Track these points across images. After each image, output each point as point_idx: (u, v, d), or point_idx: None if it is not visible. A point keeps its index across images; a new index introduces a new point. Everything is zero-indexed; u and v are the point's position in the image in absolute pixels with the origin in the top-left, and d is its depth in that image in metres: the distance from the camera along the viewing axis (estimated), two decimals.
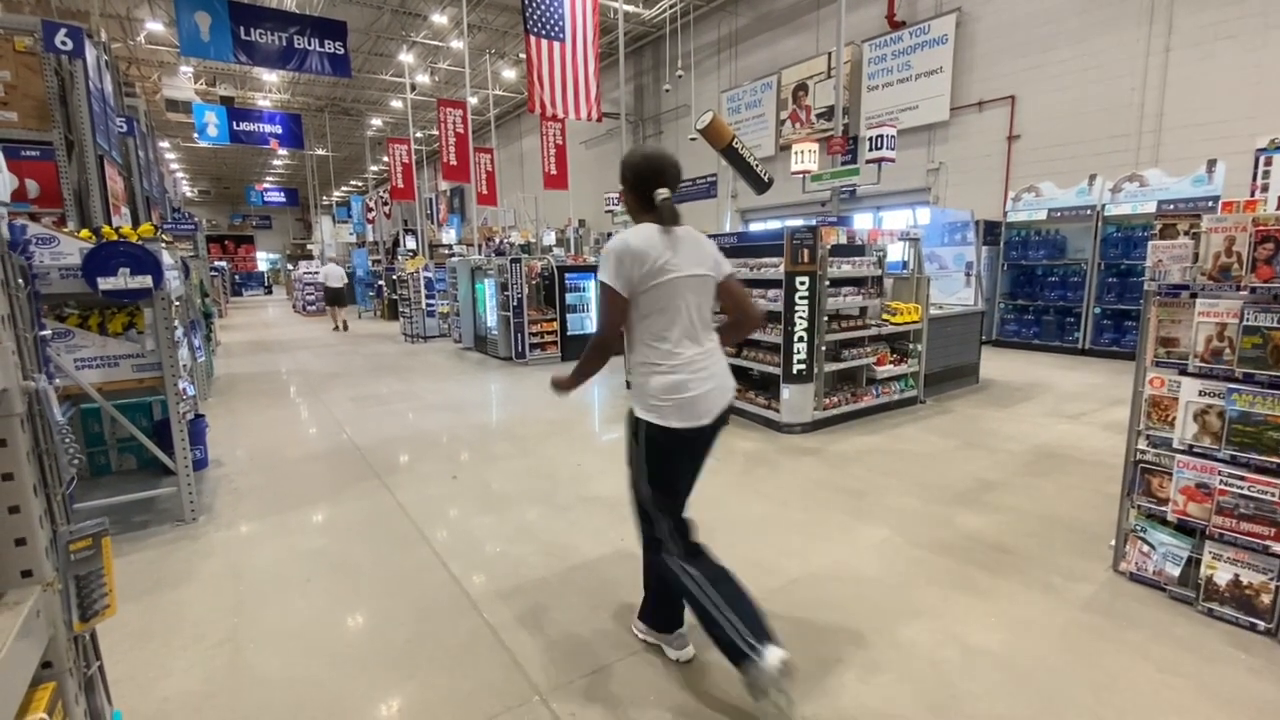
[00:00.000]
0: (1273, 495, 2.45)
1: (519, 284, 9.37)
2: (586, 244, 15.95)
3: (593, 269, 10.24)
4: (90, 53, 4.90)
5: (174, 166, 27.83)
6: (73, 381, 3.44)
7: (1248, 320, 2.49)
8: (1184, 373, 2.72)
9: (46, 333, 1.38)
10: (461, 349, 11.61)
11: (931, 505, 3.89)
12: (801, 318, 5.27)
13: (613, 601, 2.87)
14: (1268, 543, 2.48)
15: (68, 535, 1.14)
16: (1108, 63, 9.56)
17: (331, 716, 2.20)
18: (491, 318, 10.50)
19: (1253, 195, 4.25)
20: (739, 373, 6.45)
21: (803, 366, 5.36)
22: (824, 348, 5.50)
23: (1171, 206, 8.12)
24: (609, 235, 15.95)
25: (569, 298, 9.91)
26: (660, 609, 2.49)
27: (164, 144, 21.37)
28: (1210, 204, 7.71)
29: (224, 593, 3.04)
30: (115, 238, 3.45)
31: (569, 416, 6.37)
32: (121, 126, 6.66)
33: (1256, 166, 4.39)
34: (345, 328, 15.29)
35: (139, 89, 14.24)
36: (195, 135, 16.83)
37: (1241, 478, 2.53)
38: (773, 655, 1.95)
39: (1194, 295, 2.67)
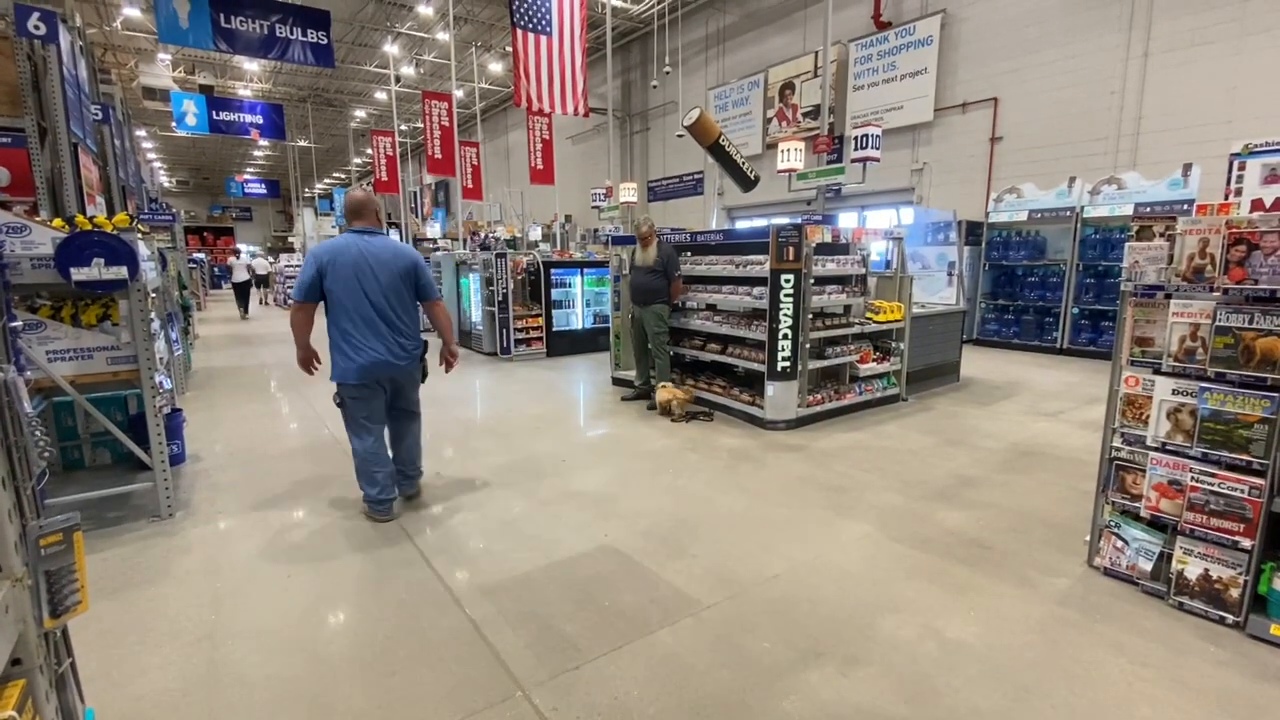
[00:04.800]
0: (1242, 492, 2.51)
1: (504, 279, 9.32)
2: (573, 239, 15.87)
3: (579, 265, 10.22)
4: (64, 38, 4.78)
5: (151, 156, 27.28)
6: (44, 374, 3.36)
7: (1220, 321, 2.55)
8: (1158, 372, 2.78)
9: (17, 323, 1.34)
10: None
11: (912, 501, 3.94)
12: (786, 315, 5.30)
13: (596, 596, 2.87)
14: (1237, 538, 2.54)
15: (38, 530, 1.12)
16: (1088, 67, 9.71)
17: (311, 714, 2.18)
18: (476, 313, 10.43)
19: (1227, 198, 4.35)
20: (724, 369, 6.53)
21: (787, 364, 5.39)
22: (808, 345, 5.54)
23: (1148, 209, 8.27)
24: (595, 231, 15.93)
25: (555, 293, 9.86)
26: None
27: (141, 133, 20.94)
28: (1185, 207, 7.87)
29: (201, 589, 3.00)
30: (89, 227, 3.38)
31: (553, 412, 6.36)
32: (97, 114, 6.52)
33: (1230, 170, 4.49)
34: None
35: (115, 76, 13.92)
36: (173, 124, 16.47)
37: (1212, 475, 2.59)
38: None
39: (1169, 296, 2.72)
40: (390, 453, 3.90)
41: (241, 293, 17.25)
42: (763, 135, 15.12)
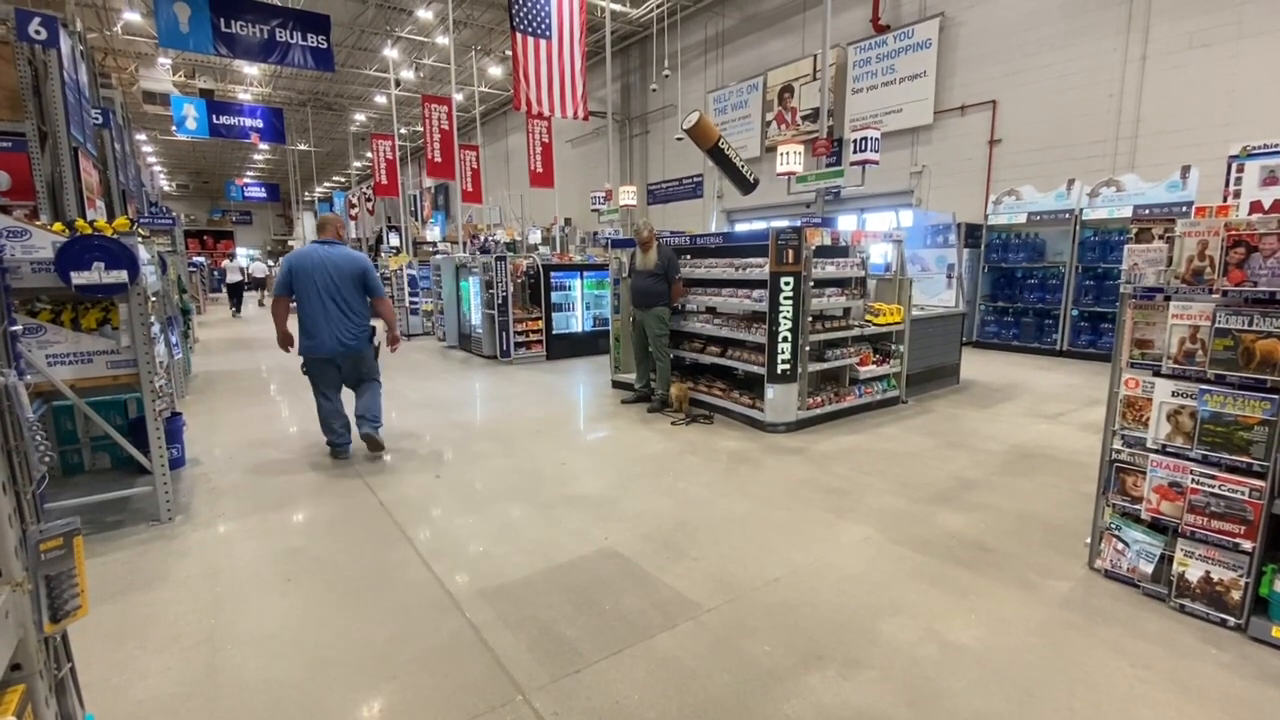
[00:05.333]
0: (1242, 494, 2.51)
1: (504, 282, 9.32)
2: (572, 242, 15.89)
3: (579, 268, 10.22)
4: (65, 42, 4.79)
5: (151, 160, 27.29)
6: (44, 378, 3.36)
7: (1219, 323, 2.55)
8: (1158, 374, 2.78)
9: (17, 327, 1.35)
10: (445, 347, 11.52)
11: (913, 504, 3.94)
12: (786, 318, 5.30)
13: (597, 600, 2.87)
14: (1238, 540, 2.54)
15: (38, 534, 1.11)
16: (1086, 69, 9.73)
17: (311, 718, 2.18)
18: (476, 316, 10.43)
19: (1225, 201, 4.35)
20: (723, 372, 6.52)
21: (787, 366, 5.39)
22: (808, 348, 5.54)
23: (1147, 211, 8.27)
24: (595, 234, 15.94)
25: (554, 296, 9.87)
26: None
27: (141, 137, 20.96)
28: (1184, 209, 7.88)
29: (201, 593, 2.99)
30: (89, 231, 3.38)
31: (553, 415, 6.35)
32: (97, 118, 6.53)
33: (1229, 173, 4.50)
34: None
35: (115, 80, 13.91)
36: (174, 128, 16.51)
37: (1213, 477, 2.59)
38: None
39: (1168, 298, 2.72)
40: (354, 408, 4.86)
41: (234, 292, 19.16)
42: (762, 138, 15.14)
